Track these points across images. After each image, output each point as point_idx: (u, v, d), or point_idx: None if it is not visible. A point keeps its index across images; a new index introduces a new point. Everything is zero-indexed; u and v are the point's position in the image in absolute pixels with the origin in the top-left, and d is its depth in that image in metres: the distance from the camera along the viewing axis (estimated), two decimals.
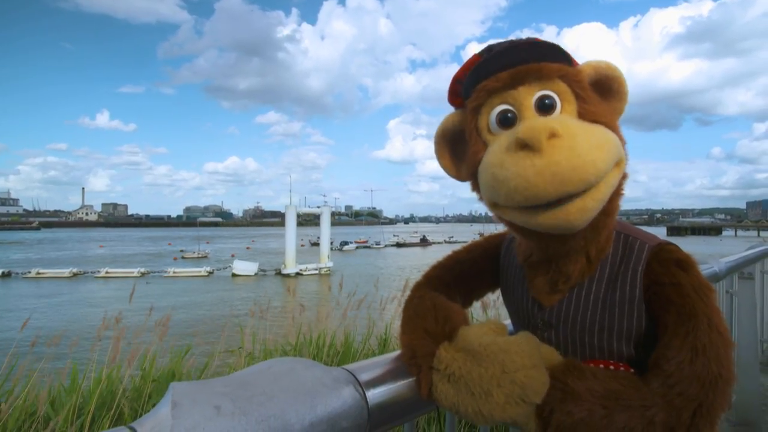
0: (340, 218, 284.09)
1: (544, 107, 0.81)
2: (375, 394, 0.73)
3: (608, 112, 0.85)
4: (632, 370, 0.82)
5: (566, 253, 0.87)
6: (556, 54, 0.85)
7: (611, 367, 0.84)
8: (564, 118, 0.79)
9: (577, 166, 0.70)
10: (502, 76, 0.82)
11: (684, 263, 0.81)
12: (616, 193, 0.82)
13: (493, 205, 0.83)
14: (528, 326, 0.95)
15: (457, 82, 0.94)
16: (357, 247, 68.22)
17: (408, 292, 1.04)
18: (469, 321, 0.88)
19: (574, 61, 0.89)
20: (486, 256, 1.08)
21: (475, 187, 0.88)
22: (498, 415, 0.72)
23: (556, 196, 0.71)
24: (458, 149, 0.95)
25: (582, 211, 0.73)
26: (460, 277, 1.07)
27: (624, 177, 0.82)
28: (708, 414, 0.70)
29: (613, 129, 0.82)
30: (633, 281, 0.83)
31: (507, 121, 0.82)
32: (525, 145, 0.72)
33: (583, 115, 0.82)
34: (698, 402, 0.70)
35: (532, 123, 0.74)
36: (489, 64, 0.85)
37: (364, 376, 0.74)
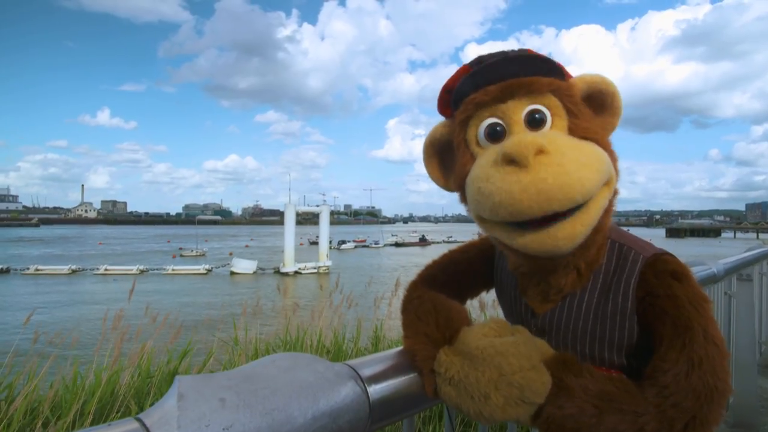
0: (339, 217, 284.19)
1: (534, 122, 0.81)
2: (376, 390, 0.75)
3: (600, 127, 0.84)
4: (624, 377, 0.81)
5: (554, 268, 0.86)
6: (548, 67, 0.84)
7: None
8: (553, 134, 0.78)
9: (564, 184, 0.69)
10: (492, 89, 0.81)
11: (679, 274, 0.80)
12: (606, 210, 0.80)
13: (479, 219, 0.83)
14: None
15: (446, 92, 0.92)
16: (355, 246, 68.23)
17: (400, 291, 1.05)
18: (471, 320, 0.89)
19: (567, 74, 0.87)
20: (482, 256, 1.07)
21: (464, 200, 0.87)
22: (499, 417, 0.74)
23: (541, 213, 0.70)
24: (447, 159, 0.94)
25: (571, 237, 0.74)
26: (455, 276, 1.07)
27: (614, 194, 0.81)
28: (701, 426, 0.70)
29: (604, 146, 0.81)
30: (625, 293, 0.82)
31: (496, 134, 0.82)
32: (512, 161, 0.71)
33: (574, 131, 0.81)
34: (692, 414, 0.70)
35: (519, 138, 0.74)
36: (478, 76, 0.84)
37: (365, 372, 0.75)
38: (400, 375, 0.81)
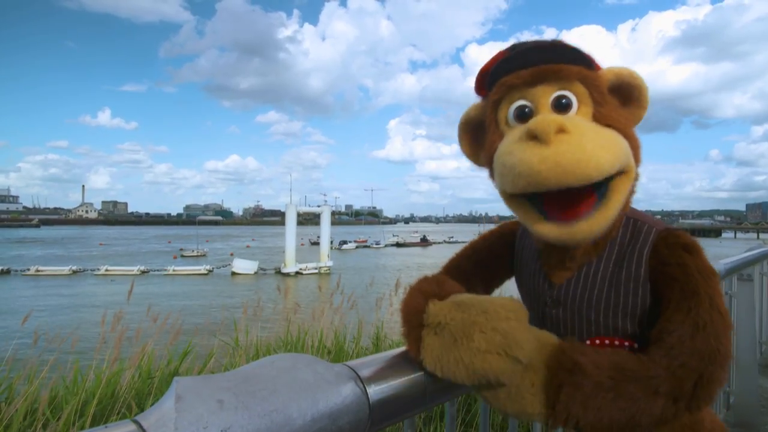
0: (340, 217, 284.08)
1: (561, 106, 0.86)
2: (376, 391, 0.74)
3: (625, 117, 0.89)
4: (636, 346, 0.86)
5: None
6: (578, 57, 0.89)
7: (616, 342, 0.89)
8: (576, 118, 0.83)
9: (581, 160, 0.74)
10: (523, 73, 0.87)
11: (690, 247, 0.84)
12: (626, 200, 0.86)
13: (504, 194, 0.88)
14: (538, 303, 0.99)
15: (483, 73, 0.98)
16: (357, 247, 68.26)
17: (401, 291, 1.07)
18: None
19: (597, 65, 0.92)
20: (502, 241, 1.12)
21: (492, 176, 0.92)
22: (479, 364, 0.72)
23: (557, 185, 0.74)
24: (479, 137, 1.00)
25: (588, 234, 0.80)
26: (479, 264, 1.12)
27: (636, 179, 0.87)
28: (708, 385, 0.73)
29: (627, 135, 0.85)
30: (639, 261, 0.86)
31: (524, 115, 0.87)
32: (534, 137, 0.76)
33: (599, 118, 0.85)
34: (699, 373, 0.72)
35: (543, 116, 0.79)
36: (512, 61, 0.90)
37: (365, 372, 0.75)
38: (400, 376, 0.80)
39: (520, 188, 0.80)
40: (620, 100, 0.91)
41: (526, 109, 0.87)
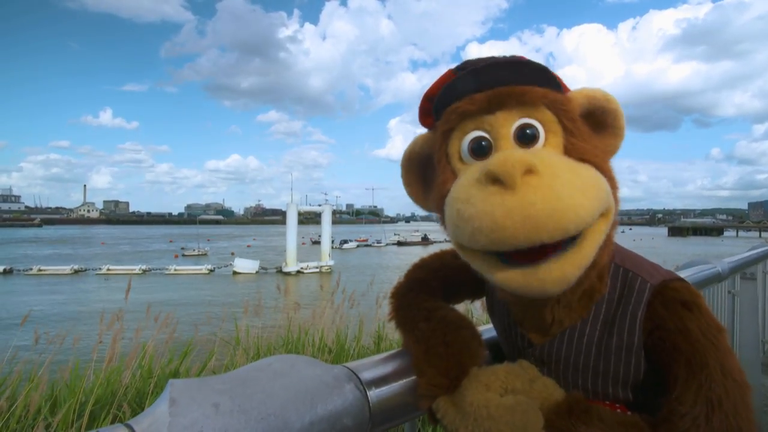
0: (341, 217, 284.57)
1: (525, 138, 0.72)
2: (377, 393, 0.73)
3: (600, 149, 0.76)
4: (629, 413, 0.76)
5: (543, 303, 0.79)
6: (543, 77, 0.76)
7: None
8: (546, 153, 0.70)
9: (555, 211, 0.61)
10: (478, 97, 0.73)
11: (690, 303, 0.73)
12: (604, 246, 0.72)
13: (458, 246, 0.74)
14: (518, 354, 0.88)
15: (428, 100, 0.83)
16: (358, 246, 68.38)
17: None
18: (483, 356, 0.83)
19: (565, 86, 0.79)
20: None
21: (442, 221, 0.78)
22: None
23: (527, 243, 0.62)
24: (428, 175, 0.86)
25: (560, 281, 0.66)
26: (444, 281, 1.00)
27: (613, 225, 0.73)
28: None
29: (604, 170, 0.73)
30: (632, 327, 0.75)
31: (481, 150, 0.74)
32: (496, 180, 0.63)
33: (570, 150, 0.72)
34: None
35: (507, 155, 0.65)
36: (464, 82, 0.76)
37: (365, 375, 0.73)
38: (401, 378, 0.79)
39: (480, 246, 0.67)
40: (592, 127, 0.78)
41: (483, 142, 0.73)
